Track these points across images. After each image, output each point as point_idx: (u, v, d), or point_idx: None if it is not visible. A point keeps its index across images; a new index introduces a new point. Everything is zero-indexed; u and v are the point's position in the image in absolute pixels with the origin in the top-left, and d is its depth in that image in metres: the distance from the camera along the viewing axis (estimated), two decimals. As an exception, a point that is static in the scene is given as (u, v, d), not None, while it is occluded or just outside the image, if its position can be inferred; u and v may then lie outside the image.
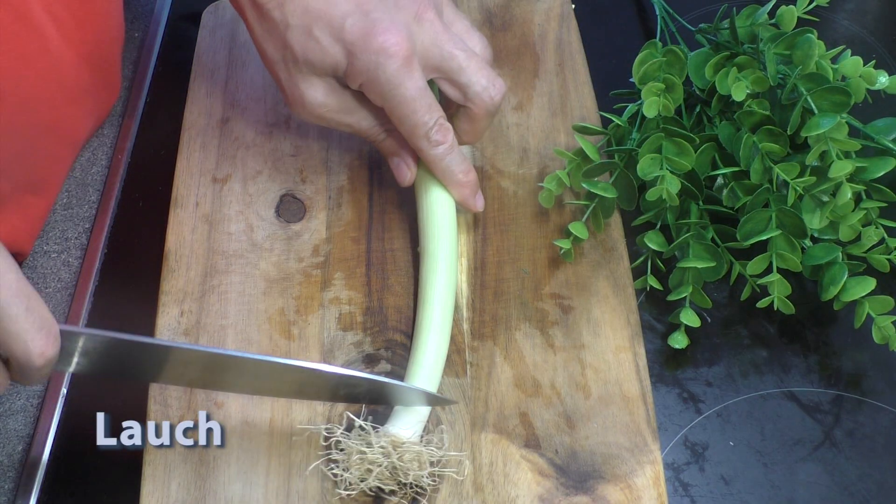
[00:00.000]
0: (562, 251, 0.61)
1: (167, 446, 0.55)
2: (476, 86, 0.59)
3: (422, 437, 0.54)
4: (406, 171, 0.62)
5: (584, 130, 0.63)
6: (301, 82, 0.59)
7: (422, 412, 0.54)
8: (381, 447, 0.52)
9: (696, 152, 0.60)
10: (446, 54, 0.58)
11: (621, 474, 0.54)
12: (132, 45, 0.79)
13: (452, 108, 0.61)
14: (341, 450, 0.53)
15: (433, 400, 0.55)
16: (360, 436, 0.52)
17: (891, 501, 0.55)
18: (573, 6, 0.75)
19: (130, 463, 0.55)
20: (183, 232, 0.64)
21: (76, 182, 0.71)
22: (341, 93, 0.60)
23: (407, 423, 0.53)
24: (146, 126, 0.74)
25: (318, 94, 0.59)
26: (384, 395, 0.54)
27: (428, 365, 0.55)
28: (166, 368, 0.52)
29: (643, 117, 0.62)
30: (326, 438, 0.53)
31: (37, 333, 0.47)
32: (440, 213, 0.60)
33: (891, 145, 0.61)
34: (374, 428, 0.53)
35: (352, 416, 0.54)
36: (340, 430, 0.53)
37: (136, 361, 0.52)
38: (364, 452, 0.51)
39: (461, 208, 0.62)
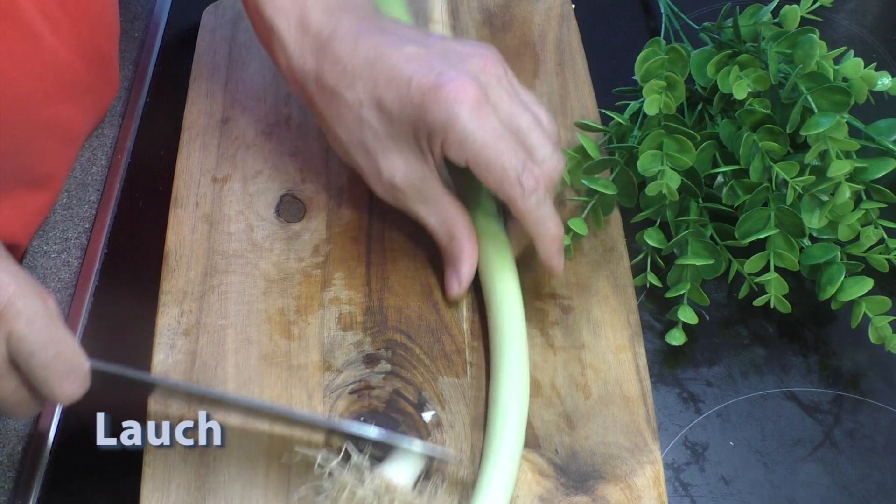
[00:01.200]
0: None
1: (167, 446, 0.55)
2: (541, 150, 0.55)
3: (416, 484, 0.52)
4: (454, 285, 0.59)
5: (585, 127, 0.63)
6: (381, 160, 0.57)
7: (421, 459, 0.53)
8: (374, 489, 0.50)
9: (696, 150, 0.60)
10: (510, 114, 0.55)
11: (621, 474, 0.54)
12: (132, 45, 0.79)
13: None
14: (332, 478, 0.52)
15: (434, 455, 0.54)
16: (354, 471, 0.51)
17: (891, 501, 0.55)
18: (573, 6, 0.75)
19: (130, 463, 0.55)
20: (183, 232, 0.64)
21: (76, 182, 0.71)
22: (421, 169, 0.57)
23: (404, 468, 0.52)
24: (146, 126, 0.74)
25: (396, 172, 0.57)
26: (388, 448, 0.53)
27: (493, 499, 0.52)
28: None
29: (644, 115, 0.62)
30: (321, 466, 0.52)
31: (65, 379, 0.48)
32: (512, 319, 0.56)
33: (891, 146, 0.61)
34: (370, 466, 0.52)
35: (350, 449, 0.52)
36: (336, 461, 0.52)
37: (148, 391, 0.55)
38: (355, 491, 0.51)
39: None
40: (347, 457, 0.52)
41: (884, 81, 0.62)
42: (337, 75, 0.56)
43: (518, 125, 0.55)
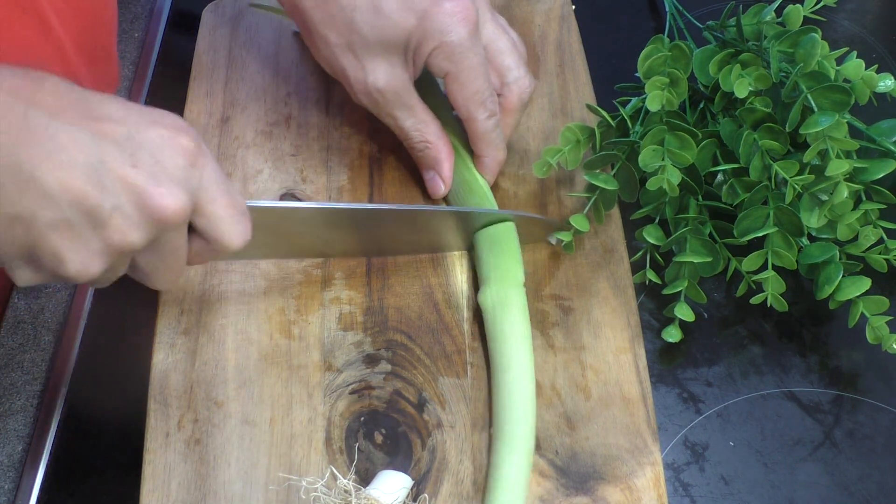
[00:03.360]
0: (563, 243, 0.61)
1: (167, 446, 0.55)
2: (515, 72, 0.61)
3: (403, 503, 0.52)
4: (440, 185, 0.64)
5: (595, 112, 0.64)
6: (367, 63, 0.60)
7: (406, 479, 0.53)
8: None
9: (697, 148, 0.60)
10: (493, 36, 0.61)
11: (621, 475, 0.54)
12: (132, 45, 0.79)
13: None
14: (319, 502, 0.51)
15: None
16: (340, 494, 0.51)
17: (891, 501, 0.55)
18: (573, 7, 0.75)
19: (130, 463, 0.55)
20: (183, 232, 0.64)
21: (76, 182, 0.71)
22: (403, 76, 0.60)
23: (390, 489, 0.52)
24: (146, 126, 0.74)
25: (380, 76, 0.60)
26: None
27: None
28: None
29: (646, 111, 0.63)
30: (307, 492, 0.52)
31: (240, 220, 0.50)
32: (522, 398, 0.55)
33: (892, 147, 0.61)
34: (355, 488, 0.51)
35: (336, 472, 0.52)
36: (321, 483, 0.51)
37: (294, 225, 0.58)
38: None
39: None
40: (332, 480, 0.52)
41: (885, 83, 0.62)
42: None
43: (497, 46, 0.61)
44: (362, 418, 0.56)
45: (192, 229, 0.50)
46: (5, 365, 0.63)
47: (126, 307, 0.65)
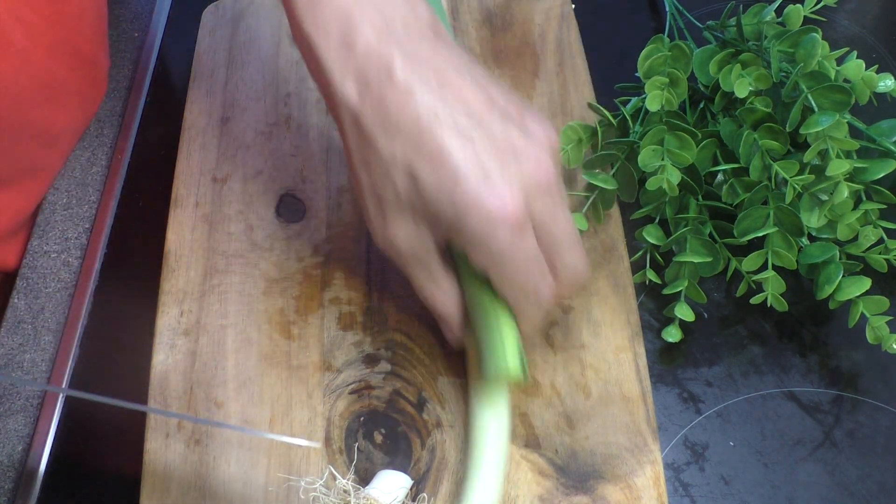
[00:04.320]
0: None
1: (167, 447, 0.55)
2: (568, 258, 0.52)
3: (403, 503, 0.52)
4: (450, 337, 0.57)
5: (597, 111, 0.64)
6: (390, 219, 0.52)
7: (405, 479, 0.53)
8: None
9: (697, 147, 0.60)
10: (546, 218, 0.50)
11: (621, 474, 0.54)
12: (132, 45, 0.79)
13: None
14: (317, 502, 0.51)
15: None
16: (339, 494, 0.51)
17: (891, 501, 0.55)
18: (573, 6, 0.75)
19: (130, 463, 0.55)
20: (183, 232, 0.64)
21: (76, 182, 0.71)
22: (426, 243, 0.52)
23: (389, 488, 0.52)
24: (146, 126, 0.74)
25: (401, 236, 0.52)
26: None
27: None
28: None
29: (646, 111, 0.63)
30: (306, 492, 0.51)
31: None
32: (494, 442, 0.54)
33: (892, 147, 0.61)
34: (355, 488, 0.51)
35: (335, 472, 0.52)
36: (320, 483, 0.51)
37: None
38: None
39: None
40: (331, 479, 0.52)
41: (886, 83, 0.62)
42: (378, 123, 0.49)
43: (552, 235, 0.51)
44: (362, 418, 0.56)
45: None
46: (5, 365, 0.63)
47: (126, 307, 0.65)
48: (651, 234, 0.61)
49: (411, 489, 0.53)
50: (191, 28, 0.76)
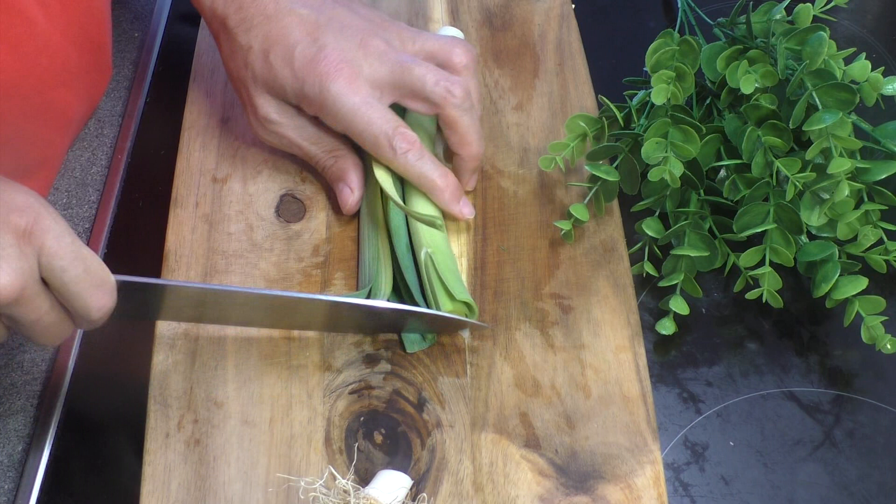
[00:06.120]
0: (562, 232, 0.61)
1: (167, 447, 0.55)
2: (428, 83, 0.60)
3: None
4: (349, 196, 0.63)
5: (606, 106, 0.64)
6: (257, 98, 0.62)
7: (405, 479, 0.53)
8: None
9: (701, 142, 0.60)
10: (394, 66, 0.60)
11: (621, 474, 0.54)
12: (132, 45, 0.79)
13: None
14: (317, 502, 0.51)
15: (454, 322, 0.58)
16: (339, 494, 0.51)
17: (891, 501, 0.55)
18: (573, 6, 0.75)
19: (130, 463, 0.55)
20: (183, 232, 0.64)
21: (76, 182, 0.71)
22: (293, 111, 0.62)
23: (389, 488, 0.52)
24: (146, 126, 0.74)
25: (271, 111, 0.62)
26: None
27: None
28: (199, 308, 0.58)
29: (652, 105, 0.63)
30: (306, 492, 0.52)
31: (96, 292, 0.50)
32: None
33: (896, 149, 0.61)
34: (354, 488, 0.51)
35: (335, 472, 0.53)
36: (320, 483, 0.51)
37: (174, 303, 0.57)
38: None
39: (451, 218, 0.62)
40: (331, 479, 0.52)
41: (892, 86, 0.62)
42: (238, 20, 0.62)
43: (399, 78, 0.60)
44: (362, 418, 0.56)
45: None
46: (5, 365, 0.63)
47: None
48: (650, 227, 0.61)
49: (411, 489, 0.53)
50: (191, 28, 0.76)
